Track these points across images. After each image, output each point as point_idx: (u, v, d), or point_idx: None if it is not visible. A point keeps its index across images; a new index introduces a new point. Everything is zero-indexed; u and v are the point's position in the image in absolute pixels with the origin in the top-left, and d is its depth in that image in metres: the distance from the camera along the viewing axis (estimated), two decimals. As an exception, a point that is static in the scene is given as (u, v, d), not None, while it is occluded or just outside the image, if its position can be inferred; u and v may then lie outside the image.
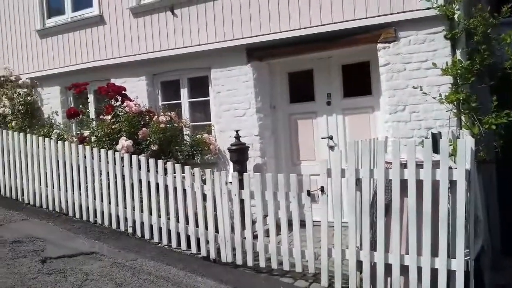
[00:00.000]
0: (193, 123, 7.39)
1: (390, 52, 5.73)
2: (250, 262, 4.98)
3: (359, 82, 6.35)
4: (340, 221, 4.43)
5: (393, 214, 4.10)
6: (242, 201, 5.04)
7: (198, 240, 5.35)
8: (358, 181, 4.34)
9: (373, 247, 4.28)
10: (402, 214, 4.10)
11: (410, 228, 4.01)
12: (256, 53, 6.62)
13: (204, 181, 5.33)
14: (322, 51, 6.24)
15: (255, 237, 4.98)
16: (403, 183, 4.04)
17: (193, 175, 5.37)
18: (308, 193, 4.58)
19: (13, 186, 6.84)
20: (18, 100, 8.78)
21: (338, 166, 4.39)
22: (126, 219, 5.86)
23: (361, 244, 4.41)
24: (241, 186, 5.03)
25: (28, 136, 6.71)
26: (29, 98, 8.93)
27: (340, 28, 5.94)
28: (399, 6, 5.63)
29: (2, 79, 9.01)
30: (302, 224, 4.61)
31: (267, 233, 4.93)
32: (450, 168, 3.87)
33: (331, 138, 6.52)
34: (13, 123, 8.47)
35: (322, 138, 6.56)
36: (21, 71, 9.14)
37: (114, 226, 5.94)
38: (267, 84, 6.81)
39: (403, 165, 4.08)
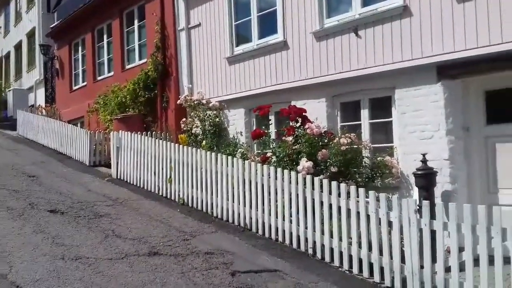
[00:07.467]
0: (373, 145, 7.12)
1: None
2: (441, 300, 4.56)
3: None
4: (559, 265, 3.78)
5: None
6: (432, 232, 4.67)
7: (381, 269, 5.10)
8: None
9: None
10: None
11: None
12: (448, 71, 6.10)
13: (389, 207, 5.09)
14: (531, 66, 5.49)
15: (446, 270, 4.56)
16: None
17: (378, 201, 5.15)
18: (517, 229, 4.00)
19: (204, 201, 7.45)
20: (208, 122, 9.65)
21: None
22: (306, 240, 5.89)
23: None
24: (431, 216, 4.69)
25: (219, 155, 7.27)
26: (217, 119, 9.72)
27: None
28: None
29: (195, 102, 10.00)
30: (505, 261, 4.11)
31: (460, 267, 4.46)
32: None
33: (539, 165, 5.64)
34: (204, 142, 9.31)
35: (528, 165, 5.71)
36: (211, 95, 9.99)
37: (294, 245, 6.01)
38: (459, 104, 6.20)
39: None
